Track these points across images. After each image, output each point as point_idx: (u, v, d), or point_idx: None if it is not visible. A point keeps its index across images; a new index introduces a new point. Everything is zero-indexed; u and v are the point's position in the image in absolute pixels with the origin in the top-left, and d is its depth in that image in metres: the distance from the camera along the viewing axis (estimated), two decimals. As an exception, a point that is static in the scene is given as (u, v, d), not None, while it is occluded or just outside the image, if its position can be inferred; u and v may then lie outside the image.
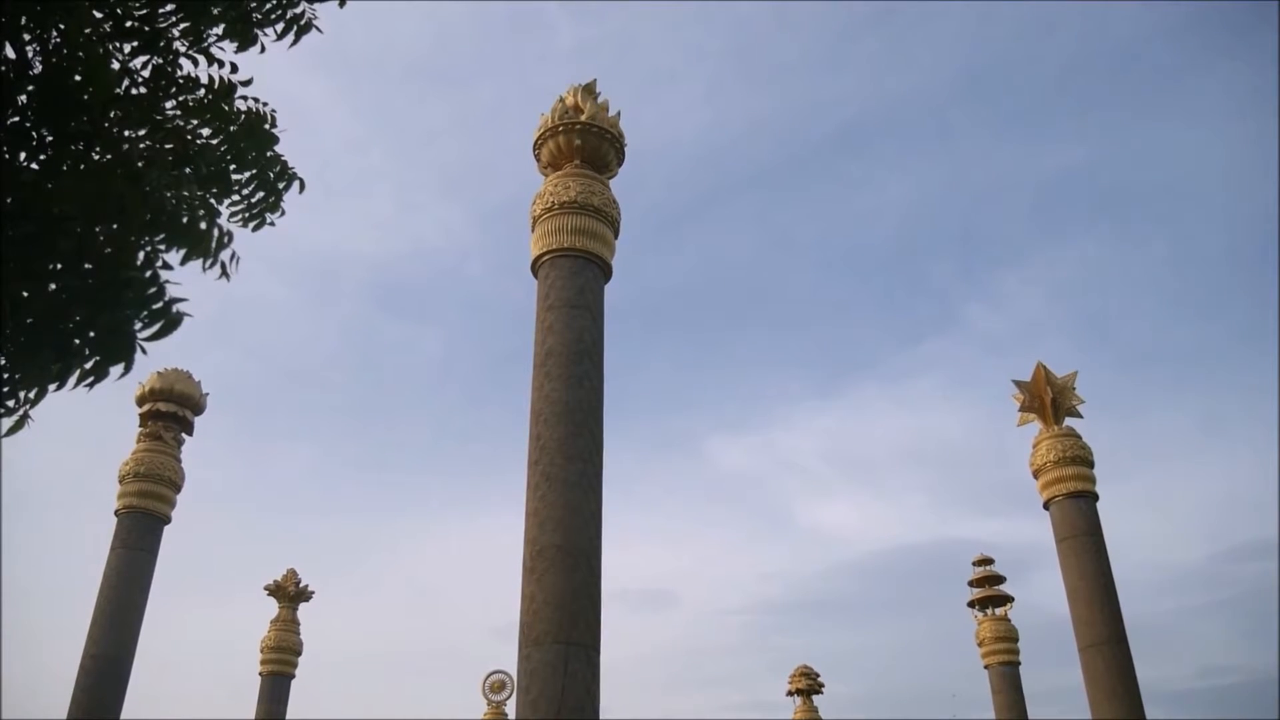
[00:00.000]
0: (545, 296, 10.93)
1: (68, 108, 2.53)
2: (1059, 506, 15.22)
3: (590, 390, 10.45)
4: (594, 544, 9.76)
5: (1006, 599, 23.82)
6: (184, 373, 16.33)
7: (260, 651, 22.18)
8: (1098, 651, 14.15)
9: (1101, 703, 13.88)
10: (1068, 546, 14.96)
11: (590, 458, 10.10)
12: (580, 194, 11.14)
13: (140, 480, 15.37)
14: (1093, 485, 15.35)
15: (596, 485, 10.08)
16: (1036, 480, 15.68)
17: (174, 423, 16.12)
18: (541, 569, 9.44)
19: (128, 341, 2.42)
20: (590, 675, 9.17)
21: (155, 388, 16.04)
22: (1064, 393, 16.09)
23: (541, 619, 9.23)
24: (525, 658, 9.20)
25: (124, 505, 15.30)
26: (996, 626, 22.97)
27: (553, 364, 10.47)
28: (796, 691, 27.55)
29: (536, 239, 11.23)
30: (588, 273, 11.00)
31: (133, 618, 14.72)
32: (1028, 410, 16.21)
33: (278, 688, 21.85)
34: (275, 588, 23.28)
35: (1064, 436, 15.64)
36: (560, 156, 11.52)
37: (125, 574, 14.85)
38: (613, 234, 11.44)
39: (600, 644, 9.45)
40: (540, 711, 8.87)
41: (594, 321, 10.86)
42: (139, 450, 15.80)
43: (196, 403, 16.33)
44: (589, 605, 9.44)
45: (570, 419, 10.16)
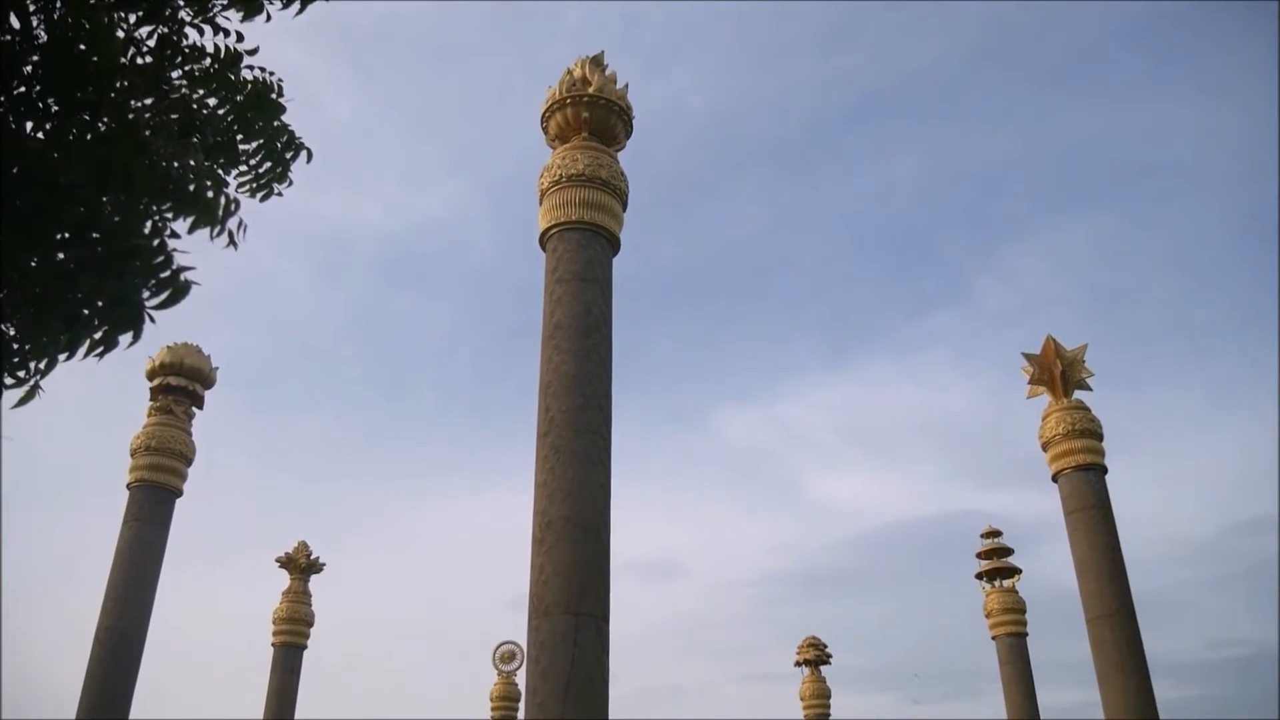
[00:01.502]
0: (554, 269, 10.91)
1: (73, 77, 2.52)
2: (1068, 479, 15.21)
3: (599, 363, 10.46)
4: (603, 516, 9.80)
5: (1014, 571, 23.87)
6: (194, 347, 16.38)
7: (272, 623, 22.38)
8: (1105, 623, 14.18)
9: (1109, 674, 13.93)
10: (1076, 519, 14.96)
11: (599, 430, 10.12)
12: (588, 167, 11.10)
13: (151, 454, 15.46)
14: (1102, 458, 15.34)
15: (605, 458, 10.10)
16: (1045, 453, 15.66)
17: (184, 396, 16.18)
18: (551, 541, 9.49)
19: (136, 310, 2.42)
20: (600, 646, 9.22)
21: (165, 362, 16.09)
22: (1073, 365, 16.04)
23: (551, 590, 9.28)
24: (535, 629, 9.26)
25: (136, 479, 15.40)
26: (1004, 598, 23.03)
27: (561, 337, 10.47)
28: (804, 662, 27.72)
29: (544, 212, 11.20)
30: (596, 246, 10.98)
31: (146, 590, 14.85)
32: (1037, 383, 16.17)
33: (290, 658, 22.05)
34: (286, 560, 23.44)
35: (1073, 409, 15.60)
36: (568, 129, 11.47)
37: (138, 547, 14.96)
38: (621, 207, 11.40)
39: (609, 615, 9.50)
40: (550, 682, 8.93)
41: (602, 294, 10.85)
42: (150, 424, 15.88)
43: (206, 376, 16.39)
44: (598, 576, 9.48)
45: (579, 392, 10.17)
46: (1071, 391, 15.92)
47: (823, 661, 27.70)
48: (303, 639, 22.40)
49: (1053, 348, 16.16)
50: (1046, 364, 16.10)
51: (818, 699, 26.94)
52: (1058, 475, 15.37)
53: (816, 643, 28.08)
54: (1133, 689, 13.71)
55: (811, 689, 27.08)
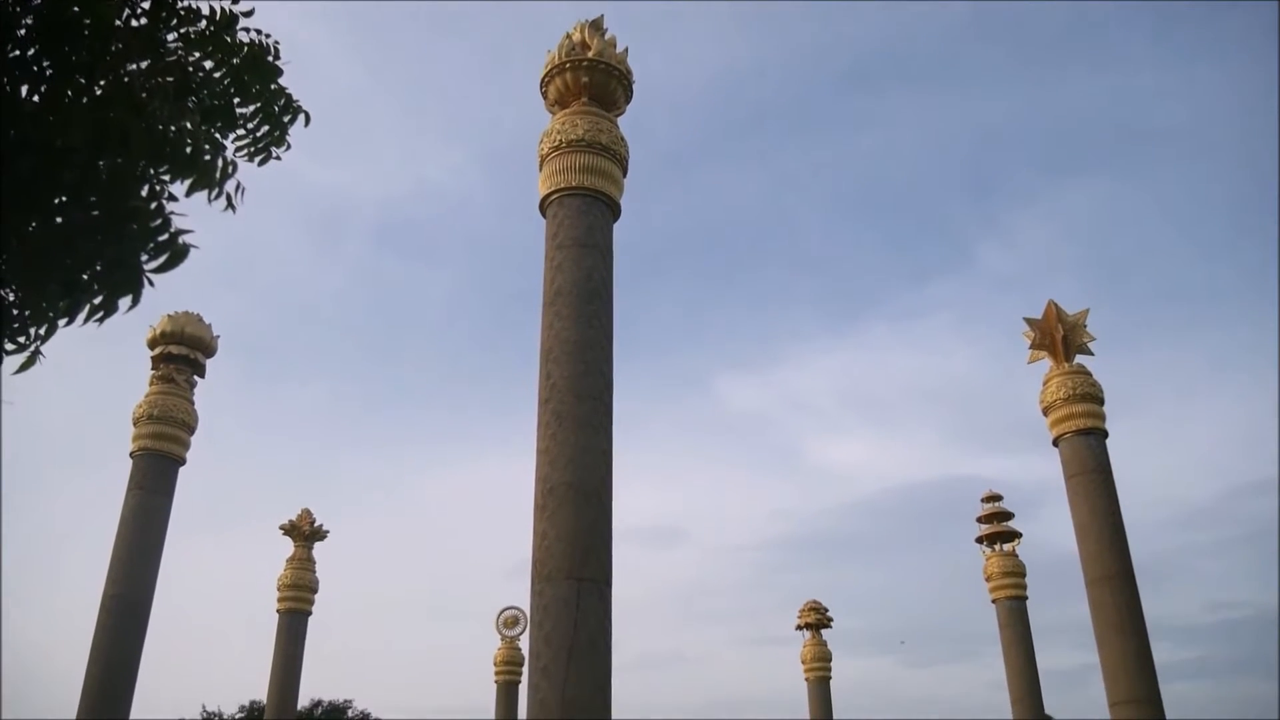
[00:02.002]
0: (554, 235, 10.88)
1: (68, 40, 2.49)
2: (1068, 443, 15.24)
3: (600, 329, 10.45)
4: (605, 482, 9.83)
5: (1015, 535, 23.98)
6: (194, 315, 16.37)
7: (277, 589, 22.53)
8: (1105, 586, 14.26)
9: (1108, 636, 14.03)
10: (1077, 483, 15.01)
11: (600, 396, 10.13)
12: (588, 132, 11.04)
13: (154, 423, 15.48)
14: (1102, 422, 15.36)
15: (607, 423, 10.13)
16: (1046, 417, 15.68)
17: (186, 365, 16.19)
18: (553, 506, 9.53)
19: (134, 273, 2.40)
20: (602, 610, 9.29)
21: (166, 330, 16.09)
22: (1075, 330, 16.03)
23: (554, 555, 9.33)
24: (538, 593, 9.32)
25: (139, 447, 15.44)
26: (1004, 562, 23.15)
27: (562, 303, 10.46)
28: (806, 626, 27.94)
29: (545, 178, 11.15)
30: (596, 211, 10.94)
31: (151, 557, 14.92)
32: (1039, 347, 16.16)
33: (295, 624, 22.22)
34: (290, 527, 23.56)
35: (1074, 374, 15.61)
36: (568, 94, 11.39)
37: (142, 515, 15.03)
38: (621, 172, 11.35)
39: (612, 579, 9.56)
40: (553, 646, 9.00)
41: (603, 260, 10.83)
42: (152, 393, 15.89)
43: (207, 345, 16.39)
44: (600, 542, 9.53)
45: (580, 358, 10.18)
46: (1073, 356, 15.91)
47: (824, 625, 27.92)
48: (307, 605, 22.56)
49: (1054, 312, 16.14)
50: (1048, 329, 16.08)
51: (819, 662, 27.17)
52: (1058, 439, 15.40)
53: (817, 606, 28.29)
54: (1131, 651, 13.82)
55: (812, 652, 27.31)
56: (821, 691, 26.90)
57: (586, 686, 8.86)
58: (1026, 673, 21.93)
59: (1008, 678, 22.10)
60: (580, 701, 8.77)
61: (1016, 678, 21.93)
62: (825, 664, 27.20)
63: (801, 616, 28.24)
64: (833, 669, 27.26)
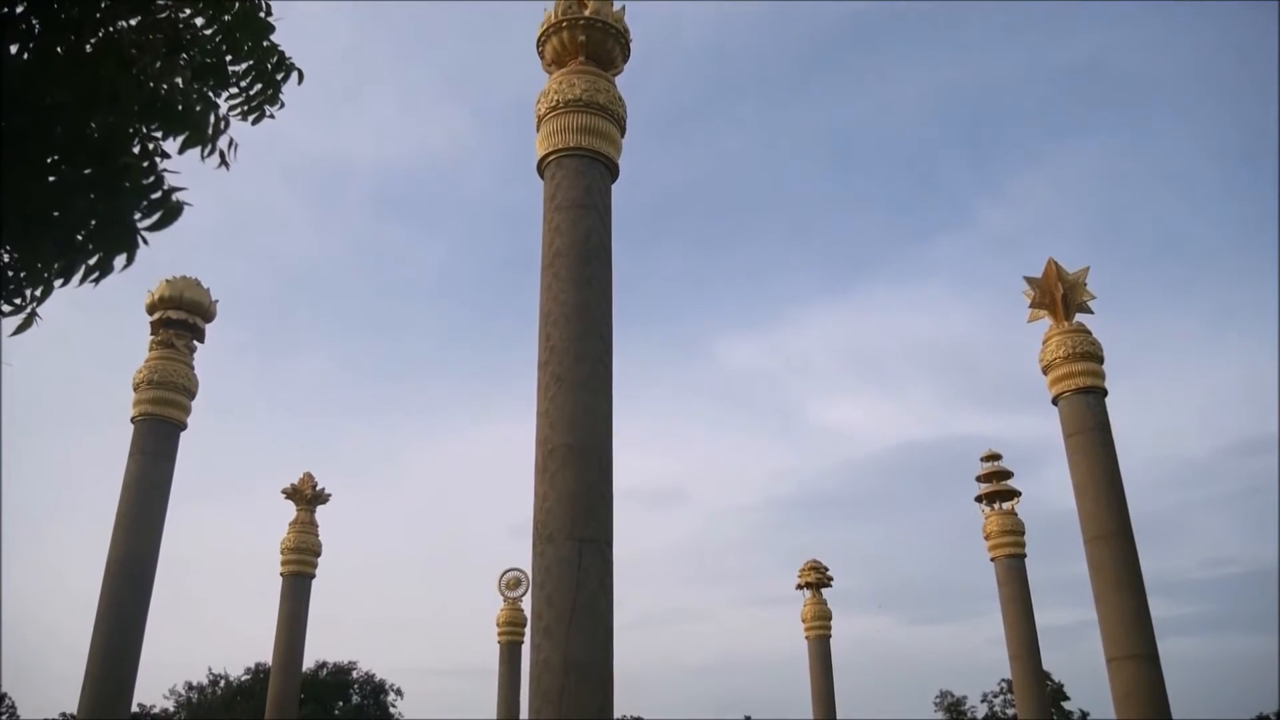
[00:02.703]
0: (552, 197, 10.83)
1: (57, -3, 2.46)
2: (1068, 402, 15.26)
3: (599, 291, 10.43)
4: (605, 443, 9.86)
5: (1014, 494, 24.08)
6: (193, 280, 16.32)
7: (281, 553, 22.67)
8: (1103, 543, 14.34)
9: (1106, 593, 14.13)
10: (1075, 442, 15.05)
11: (600, 358, 10.13)
12: (585, 91, 10.94)
13: (155, 388, 15.49)
14: (1102, 381, 15.37)
15: (607, 386, 10.14)
16: (1046, 376, 15.70)
17: (185, 330, 16.17)
18: (554, 468, 9.56)
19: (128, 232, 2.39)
20: (604, 570, 9.35)
21: (165, 295, 16.05)
22: (1075, 288, 15.99)
23: (554, 516, 9.38)
24: (540, 554, 9.38)
25: (140, 412, 15.46)
26: (1003, 520, 23.27)
27: (561, 265, 10.43)
28: (806, 585, 28.15)
29: (542, 138, 11.08)
30: (594, 172, 10.88)
31: (154, 522, 15.00)
32: (1038, 306, 16.13)
33: (299, 587, 22.38)
34: (292, 491, 23.65)
35: (1074, 332, 15.59)
36: (564, 53, 11.28)
37: (145, 480, 15.08)
38: (619, 132, 11.27)
39: (612, 540, 9.61)
40: (555, 606, 9.07)
41: (602, 221, 10.78)
42: (152, 358, 15.89)
43: (206, 310, 16.37)
44: (601, 503, 9.58)
45: (579, 320, 10.16)
46: (1073, 315, 15.89)
47: (824, 584, 28.13)
48: (311, 568, 22.70)
49: (1054, 271, 16.09)
50: (1048, 287, 16.05)
51: (819, 621, 27.41)
52: (1058, 398, 15.43)
53: (817, 566, 28.49)
54: (1129, 608, 13.92)
55: (813, 611, 27.53)
56: (821, 650, 27.16)
57: (588, 646, 8.94)
58: (1025, 629, 22.13)
59: (1006, 634, 22.31)
60: (582, 661, 8.85)
61: (1015, 634, 22.14)
62: (825, 623, 27.44)
63: (802, 576, 28.45)
64: (833, 628, 27.53)
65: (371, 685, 61.70)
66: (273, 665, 22.33)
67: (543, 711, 8.75)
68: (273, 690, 21.76)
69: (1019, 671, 22.14)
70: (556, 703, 8.71)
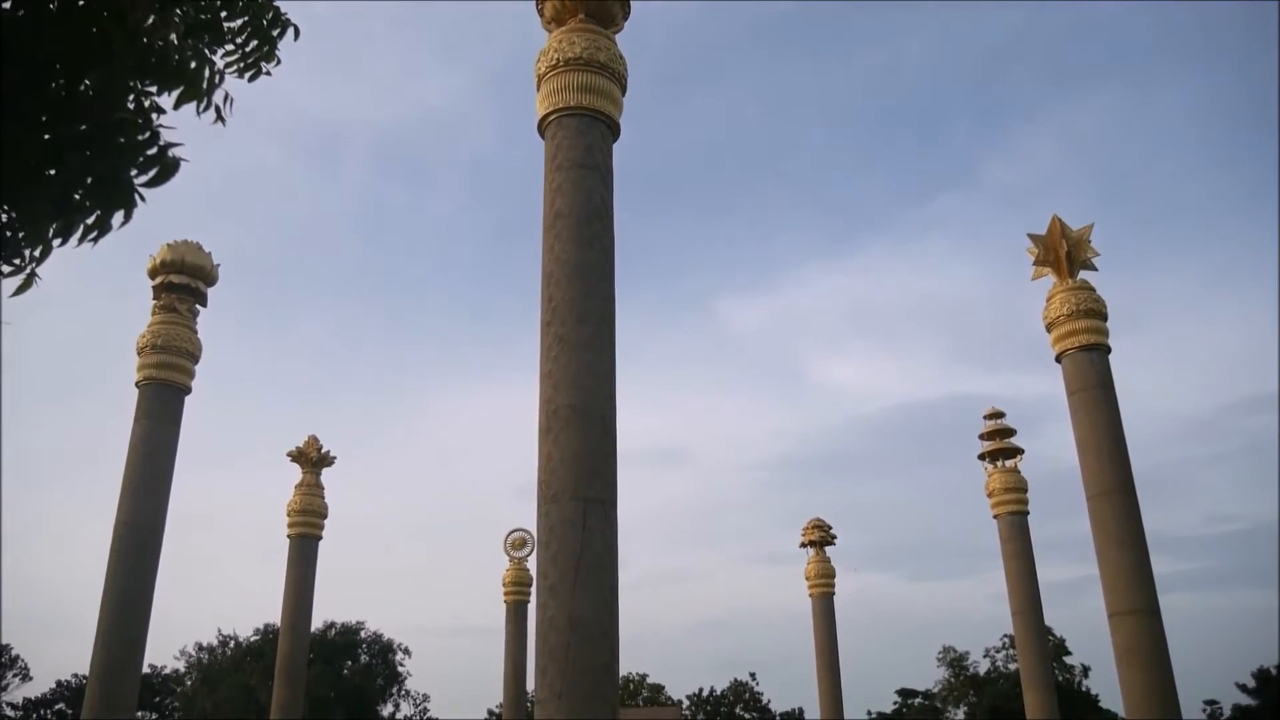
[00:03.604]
0: (553, 157, 10.77)
1: (49, -50, 2.42)
2: (1071, 359, 15.24)
3: (601, 251, 10.40)
4: (608, 404, 9.88)
5: (1016, 451, 24.13)
6: (194, 244, 16.27)
7: (287, 515, 22.80)
8: (1105, 500, 14.39)
9: (1108, 549, 14.20)
10: (1078, 399, 15.05)
11: (602, 319, 10.13)
12: (586, 50, 10.84)
13: (158, 352, 15.50)
14: (1105, 338, 15.33)
15: (609, 346, 10.14)
16: (1049, 334, 15.66)
17: (187, 294, 16.14)
18: (557, 429, 9.59)
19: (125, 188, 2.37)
20: (608, 530, 9.41)
21: (166, 260, 16.01)
22: (1079, 245, 15.91)
23: (559, 477, 9.42)
24: (544, 514, 9.43)
25: (144, 377, 15.48)
26: (1006, 478, 23.33)
27: (562, 225, 10.39)
28: (809, 543, 28.32)
29: (542, 98, 10.99)
30: (595, 131, 10.81)
31: (161, 486, 15.07)
32: (1042, 264, 16.06)
33: (306, 548, 22.54)
34: (298, 453, 23.73)
35: (1078, 289, 15.53)
36: (564, 10, 11.16)
37: (150, 444, 15.14)
38: (620, 91, 11.18)
39: (617, 500, 9.66)
40: (560, 565, 9.14)
41: (603, 181, 10.73)
42: (154, 323, 15.88)
43: (208, 274, 16.33)
44: (604, 463, 9.61)
45: (581, 280, 10.14)
46: (1077, 272, 15.82)
47: (827, 543, 28.30)
48: (317, 530, 22.84)
49: (1058, 228, 16.00)
50: (1052, 244, 15.97)
51: (822, 578, 27.62)
52: (1061, 356, 15.39)
53: (821, 524, 28.64)
54: (1131, 563, 13.99)
55: (816, 569, 27.73)
56: (825, 607, 27.38)
57: (593, 604, 9.01)
58: (1027, 585, 22.28)
59: (1008, 590, 22.47)
60: (587, 618, 8.93)
61: (1017, 590, 22.29)
62: (829, 580, 27.64)
63: (805, 534, 28.61)
64: (836, 585, 27.74)
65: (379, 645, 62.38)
66: (281, 626, 22.54)
67: (549, 669, 8.84)
68: (281, 650, 21.98)
69: (1021, 627, 22.31)
70: (562, 660, 8.79)
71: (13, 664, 62.08)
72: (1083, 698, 62.78)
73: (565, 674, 8.74)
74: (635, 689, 65.68)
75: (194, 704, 54.13)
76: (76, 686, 57.93)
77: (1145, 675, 13.46)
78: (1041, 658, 22.27)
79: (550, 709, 8.70)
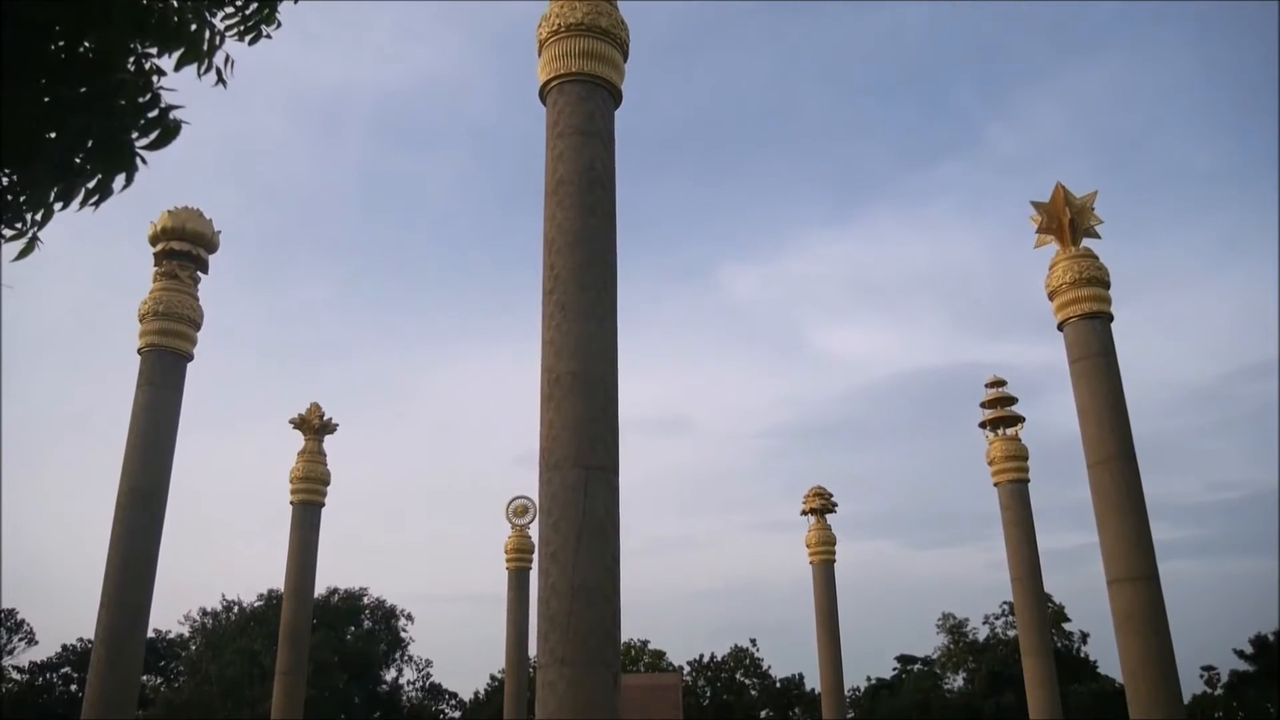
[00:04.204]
0: (555, 124, 10.71)
1: (46, -91, 2.38)
2: (1073, 327, 15.21)
3: (603, 218, 10.37)
4: (610, 371, 9.90)
5: (1018, 419, 24.15)
6: (195, 210, 16.21)
7: (290, 482, 22.89)
8: (1106, 468, 14.41)
9: (1108, 516, 14.25)
10: (1080, 367, 15.04)
11: (604, 286, 10.12)
12: (587, 15, 10.76)
13: (161, 319, 15.50)
14: (1108, 306, 15.29)
15: (611, 314, 10.14)
16: (1052, 302, 15.62)
17: (188, 261, 16.12)
18: (559, 396, 9.61)
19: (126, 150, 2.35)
20: (609, 496, 9.45)
21: (167, 226, 15.97)
22: (1082, 213, 15.84)
23: (561, 444, 9.45)
24: (546, 482, 9.47)
25: (146, 344, 15.49)
26: (1007, 446, 23.36)
27: (564, 193, 10.36)
28: (810, 511, 28.44)
29: (543, 64, 10.92)
30: (597, 98, 10.75)
31: (164, 452, 15.13)
32: (1045, 231, 15.99)
33: (309, 515, 22.65)
34: (300, 421, 23.79)
35: (1081, 257, 15.48)
36: (565, -26, 11.05)
37: (153, 410, 15.18)
38: (622, 57, 11.10)
39: (619, 467, 9.69)
40: (562, 533, 9.18)
41: (605, 149, 10.68)
42: (156, 289, 15.87)
43: (209, 240, 16.29)
44: (606, 430, 9.64)
45: (584, 248, 10.13)
46: (1080, 240, 15.76)
47: (828, 510, 28.41)
48: (320, 497, 22.94)
49: (1062, 195, 15.92)
50: (1055, 212, 15.89)
51: (823, 546, 27.75)
52: (1064, 324, 15.36)
53: (822, 492, 28.74)
54: (1131, 531, 14.04)
55: (817, 536, 27.86)
56: (826, 574, 27.54)
57: (595, 570, 9.07)
58: (1027, 552, 22.38)
59: (1008, 558, 22.57)
60: (589, 584, 8.99)
61: (1017, 558, 22.39)
62: (829, 547, 27.78)
63: (806, 502, 28.72)
64: (837, 552, 27.88)
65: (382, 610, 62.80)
66: (285, 591, 22.70)
67: (551, 634, 8.91)
68: (285, 616, 22.15)
69: (1020, 593, 22.43)
70: (564, 625, 8.86)
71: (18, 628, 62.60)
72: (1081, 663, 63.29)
73: (567, 639, 8.81)
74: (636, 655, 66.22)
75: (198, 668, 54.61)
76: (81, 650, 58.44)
77: (1144, 641, 13.55)
78: (1040, 624, 22.41)
79: (552, 673, 8.78)
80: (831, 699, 27.30)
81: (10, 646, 62.16)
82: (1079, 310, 15.13)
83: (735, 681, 70.83)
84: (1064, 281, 15.31)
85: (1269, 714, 60.19)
